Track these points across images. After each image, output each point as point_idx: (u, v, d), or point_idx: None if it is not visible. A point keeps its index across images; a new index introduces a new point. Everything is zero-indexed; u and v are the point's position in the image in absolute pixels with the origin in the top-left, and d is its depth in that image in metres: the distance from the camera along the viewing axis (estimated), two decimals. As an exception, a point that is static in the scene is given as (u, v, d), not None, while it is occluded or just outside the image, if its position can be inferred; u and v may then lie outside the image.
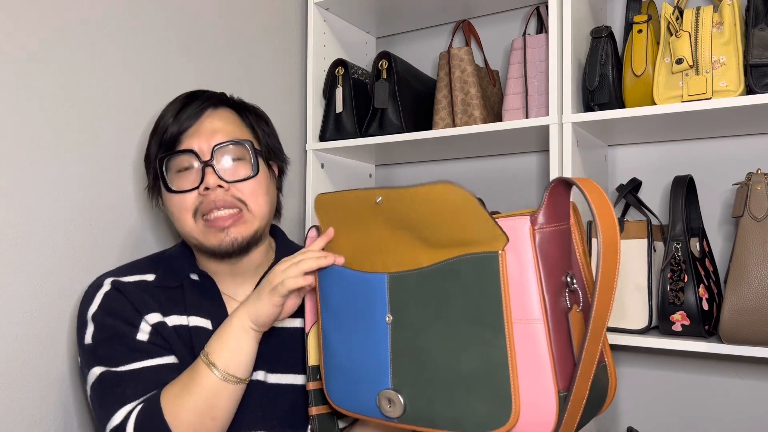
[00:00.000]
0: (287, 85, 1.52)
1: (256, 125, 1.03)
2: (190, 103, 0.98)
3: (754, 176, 1.05)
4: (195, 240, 0.96)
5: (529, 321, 0.64)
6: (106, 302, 0.93)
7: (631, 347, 1.40)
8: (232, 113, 1.01)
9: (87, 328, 0.92)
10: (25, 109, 0.98)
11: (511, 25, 1.59)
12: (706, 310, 1.09)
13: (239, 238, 0.94)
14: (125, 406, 0.84)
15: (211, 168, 0.93)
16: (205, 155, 0.94)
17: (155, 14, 1.20)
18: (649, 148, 1.40)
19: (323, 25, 1.56)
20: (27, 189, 0.98)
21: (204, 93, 1.01)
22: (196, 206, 0.94)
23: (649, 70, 1.16)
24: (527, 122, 1.24)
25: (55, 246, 1.02)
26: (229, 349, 0.85)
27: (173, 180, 0.95)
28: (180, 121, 0.95)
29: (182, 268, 0.99)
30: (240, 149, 0.96)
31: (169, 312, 0.94)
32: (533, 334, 0.64)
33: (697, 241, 1.19)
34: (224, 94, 1.03)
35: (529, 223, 0.65)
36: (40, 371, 0.99)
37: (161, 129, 0.97)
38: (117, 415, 0.84)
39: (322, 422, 0.90)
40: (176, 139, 0.95)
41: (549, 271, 0.65)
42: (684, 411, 1.34)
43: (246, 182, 0.95)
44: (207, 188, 0.92)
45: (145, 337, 0.91)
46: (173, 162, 0.95)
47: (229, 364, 0.85)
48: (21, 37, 0.98)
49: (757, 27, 1.06)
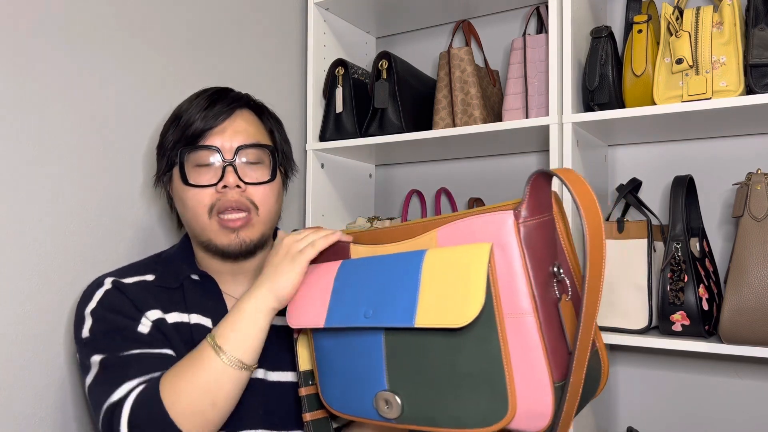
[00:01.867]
0: (287, 85, 1.52)
1: (275, 129, 1.05)
2: (218, 101, 0.98)
3: (754, 176, 1.05)
4: (206, 237, 0.96)
5: (520, 314, 0.64)
6: (106, 299, 0.92)
7: (631, 347, 1.40)
8: (254, 116, 1.02)
9: (85, 323, 0.91)
10: (25, 109, 0.98)
11: (511, 25, 1.59)
12: (706, 310, 1.09)
13: (247, 240, 0.95)
14: (127, 383, 0.83)
15: (232, 167, 0.94)
16: (229, 154, 0.95)
17: (156, 14, 1.20)
18: (649, 148, 1.40)
19: (323, 25, 1.56)
20: (26, 189, 0.98)
21: (231, 92, 1.01)
22: (213, 203, 0.94)
23: (649, 70, 1.16)
24: (527, 122, 1.25)
25: (54, 246, 1.02)
26: (239, 333, 0.83)
27: (190, 174, 0.96)
28: (207, 118, 0.96)
29: (182, 269, 0.99)
30: (261, 153, 0.98)
31: (169, 309, 0.94)
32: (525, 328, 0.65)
33: (697, 241, 1.19)
34: (249, 96, 1.04)
35: (513, 217, 0.65)
36: (39, 372, 0.99)
37: (185, 122, 0.96)
38: (117, 391, 0.82)
39: (317, 427, 0.90)
40: (200, 135, 0.96)
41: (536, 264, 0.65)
42: (684, 411, 1.34)
43: (261, 186, 0.96)
44: (225, 186, 0.93)
45: (146, 330, 0.90)
46: (193, 156, 0.96)
47: (237, 348, 0.83)
48: (20, 37, 0.98)
49: (757, 27, 1.06)
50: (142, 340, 0.89)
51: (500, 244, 0.65)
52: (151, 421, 0.79)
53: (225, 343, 0.83)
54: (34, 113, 1.00)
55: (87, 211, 1.07)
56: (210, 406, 0.81)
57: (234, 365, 0.82)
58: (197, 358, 0.83)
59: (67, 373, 1.03)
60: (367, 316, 0.75)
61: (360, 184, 1.69)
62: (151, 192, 1.18)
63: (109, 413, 0.81)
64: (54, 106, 1.02)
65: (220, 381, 0.82)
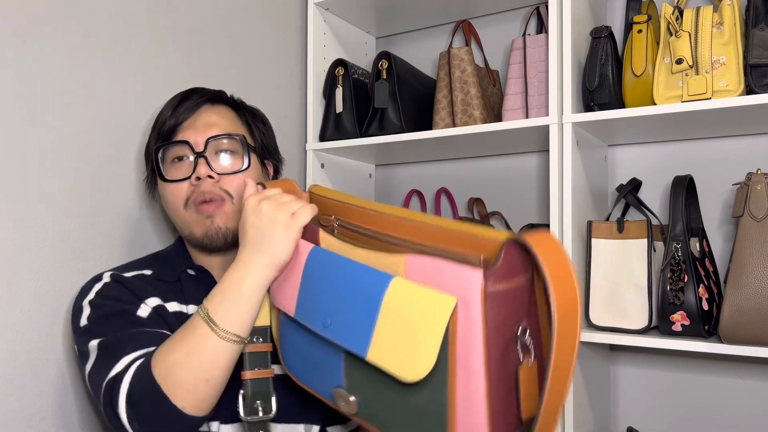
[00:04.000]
0: (287, 85, 1.52)
1: (252, 123, 1.06)
2: (188, 98, 1.01)
3: (754, 176, 1.05)
4: (187, 230, 0.98)
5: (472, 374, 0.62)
6: (104, 290, 0.92)
7: (631, 347, 1.40)
8: (228, 110, 1.04)
9: (83, 313, 0.90)
10: (23, 111, 0.98)
11: (511, 25, 1.59)
12: (706, 310, 1.09)
13: (223, 227, 0.96)
14: (126, 357, 0.81)
15: (203, 159, 0.96)
16: (199, 147, 0.97)
17: (155, 14, 1.20)
18: (649, 148, 1.40)
19: (323, 25, 1.56)
20: (23, 190, 0.98)
21: (203, 89, 1.04)
22: (188, 195, 0.96)
23: (649, 70, 1.16)
24: (527, 122, 1.25)
25: (54, 246, 1.02)
26: (237, 308, 0.80)
27: (168, 170, 0.99)
28: (177, 114, 0.99)
29: (178, 264, 1.01)
30: (233, 143, 0.99)
31: (169, 299, 0.95)
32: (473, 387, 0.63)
33: (697, 241, 1.19)
34: (223, 92, 1.06)
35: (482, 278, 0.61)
36: (39, 372, 0.99)
37: (159, 122, 1.01)
38: (116, 366, 0.80)
39: (259, 386, 0.86)
40: (173, 131, 0.99)
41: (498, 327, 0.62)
42: (684, 411, 1.34)
43: (235, 175, 0.97)
44: (198, 178, 0.95)
45: (145, 314, 0.89)
46: (169, 152, 0.99)
47: (234, 323, 0.80)
48: (18, 37, 0.98)
49: (757, 27, 1.06)
50: (141, 323, 0.87)
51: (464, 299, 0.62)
52: (147, 397, 0.77)
53: (221, 318, 0.79)
54: (32, 116, 1.00)
55: (84, 209, 1.07)
56: (204, 382, 0.78)
57: (230, 340, 0.79)
58: (190, 333, 0.80)
59: (67, 371, 1.03)
60: (326, 325, 0.74)
61: (360, 184, 1.69)
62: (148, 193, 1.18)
63: (109, 388, 0.79)
64: (51, 108, 1.02)
65: (215, 357, 0.79)
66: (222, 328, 0.79)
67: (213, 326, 0.79)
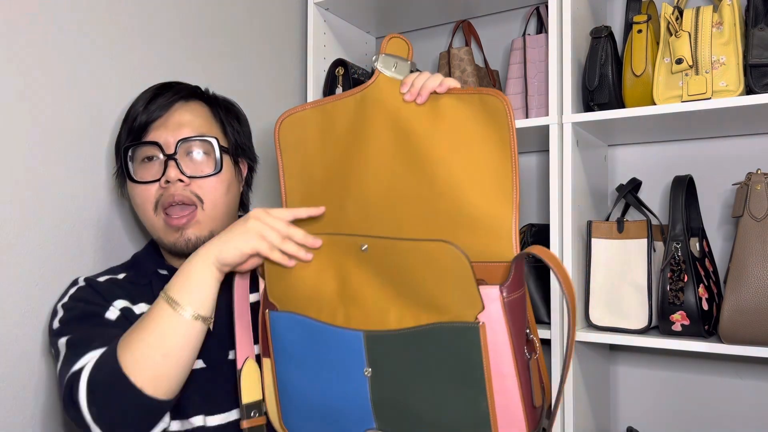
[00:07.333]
0: (287, 85, 1.52)
1: (226, 121, 1.02)
2: (162, 94, 0.97)
3: (754, 176, 1.05)
4: (156, 234, 0.97)
5: (504, 377, 0.72)
6: (77, 293, 0.93)
7: (631, 347, 1.40)
8: (202, 107, 1.00)
9: (57, 316, 0.91)
10: (16, 110, 0.98)
11: (511, 25, 1.59)
12: (706, 310, 1.09)
13: (193, 239, 0.94)
14: (90, 353, 0.82)
15: (173, 162, 0.93)
16: (170, 148, 0.93)
17: (155, 14, 1.20)
18: (649, 148, 1.40)
19: (323, 25, 1.56)
20: (19, 190, 0.98)
21: (177, 84, 1.01)
22: (157, 198, 0.94)
23: (648, 70, 1.16)
24: (527, 122, 1.24)
25: (47, 249, 1.02)
26: (188, 283, 0.82)
27: (137, 170, 0.96)
28: (149, 111, 0.95)
29: (149, 266, 1.00)
30: (205, 145, 0.96)
31: (137, 301, 0.94)
32: (507, 388, 0.72)
33: (697, 241, 1.19)
34: (198, 87, 1.03)
35: (499, 293, 0.71)
36: (39, 372, 0.99)
37: (131, 117, 0.97)
38: (80, 361, 0.81)
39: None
40: (144, 129, 0.95)
41: (516, 333, 0.72)
42: (684, 411, 1.34)
43: (207, 179, 0.95)
44: (168, 181, 0.92)
45: (114, 317, 0.90)
46: (138, 152, 0.96)
47: (188, 298, 0.81)
48: (16, 38, 0.98)
49: (757, 27, 1.06)
50: (108, 324, 0.89)
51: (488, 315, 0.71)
52: (107, 379, 0.78)
53: (175, 293, 0.81)
54: (24, 115, 1.00)
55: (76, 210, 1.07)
56: (161, 357, 0.79)
57: (187, 314, 0.81)
58: (150, 312, 0.82)
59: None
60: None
61: (360, 184, 1.69)
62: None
63: (70, 380, 0.80)
64: (41, 109, 1.02)
65: (170, 331, 0.80)
66: (175, 301, 0.81)
67: (169, 301, 0.81)
